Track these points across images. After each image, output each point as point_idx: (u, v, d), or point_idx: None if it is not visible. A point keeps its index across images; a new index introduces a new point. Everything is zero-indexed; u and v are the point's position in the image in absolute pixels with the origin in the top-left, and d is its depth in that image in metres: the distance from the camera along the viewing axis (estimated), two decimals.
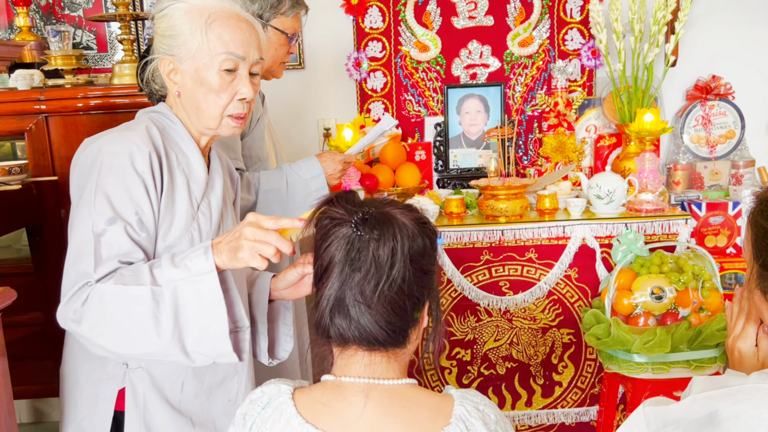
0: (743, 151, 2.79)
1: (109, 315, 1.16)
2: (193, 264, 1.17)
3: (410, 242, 1.00)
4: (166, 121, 1.35)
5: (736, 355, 1.20)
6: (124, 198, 1.22)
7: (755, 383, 0.96)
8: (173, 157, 1.31)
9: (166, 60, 1.30)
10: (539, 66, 2.82)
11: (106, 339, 1.18)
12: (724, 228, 2.53)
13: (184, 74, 1.29)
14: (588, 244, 2.28)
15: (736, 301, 1.22)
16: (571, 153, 2.64)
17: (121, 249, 1.21)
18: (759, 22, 2.79)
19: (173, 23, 1.28)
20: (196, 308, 1.16)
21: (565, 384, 2.39)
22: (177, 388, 1.34)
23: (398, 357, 1.04)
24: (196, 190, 1.33)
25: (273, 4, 1.96)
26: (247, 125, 1.97)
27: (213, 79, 1.28)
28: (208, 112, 1.31)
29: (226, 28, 1.28)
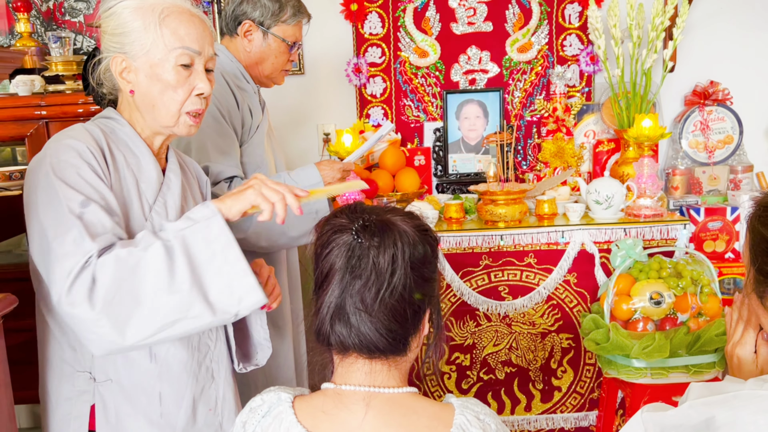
0: (741, 156, 2.80)
1: (123, 283, 1.12)
2: (194, 214, 1.17)
3: (411, 249, 1.00)
4: (114, 124, 1.32)
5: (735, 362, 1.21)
6: (84, 185, 1.20)
7: (751, 389, 0.96)
8: (120, 157, 1.29)
9: (118, 58, 1.27)
10: (538, 72, 2.83)
11: (123, 313, 1.11)
12: (722, 233, 2.54)
13: (137, 72, 1.26)
14: (587, 249, 2.29)
15: (735, 307, 1.22)
16: (570, 158, 2.64)
17: (104, 226, 1.17)
18: (756, 27, 2.80)
19: (123, 20, 1.26)
20: (208, 255, 1.14)
21: (564, 389, 2.39)
22: (155, 400, 1.29)
23: (399, 365, 1.04)
24: (147, 190, 1.31)
25: (274, 12, 1.96)
26: (246, 133, 1.97)
27: (169, 75, 1.26)
28: (165, 109, 1.28)
29: (180, 22, 1.26)
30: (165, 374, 1.31)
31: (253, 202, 1.18)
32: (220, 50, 2.00)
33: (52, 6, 2.87)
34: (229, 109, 1.90)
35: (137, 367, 1.28)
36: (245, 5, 1.96)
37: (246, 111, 1.96)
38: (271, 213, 1.18)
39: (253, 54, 2.00)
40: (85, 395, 1.29)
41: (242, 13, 1.96)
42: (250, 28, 1.97)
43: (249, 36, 1.98)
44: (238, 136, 1.94)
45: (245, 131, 1.96)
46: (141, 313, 1.12)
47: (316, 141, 2.97)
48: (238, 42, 1.99)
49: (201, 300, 1.13)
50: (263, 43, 1.99)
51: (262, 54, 2.00)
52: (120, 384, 1.28)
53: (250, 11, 1.96)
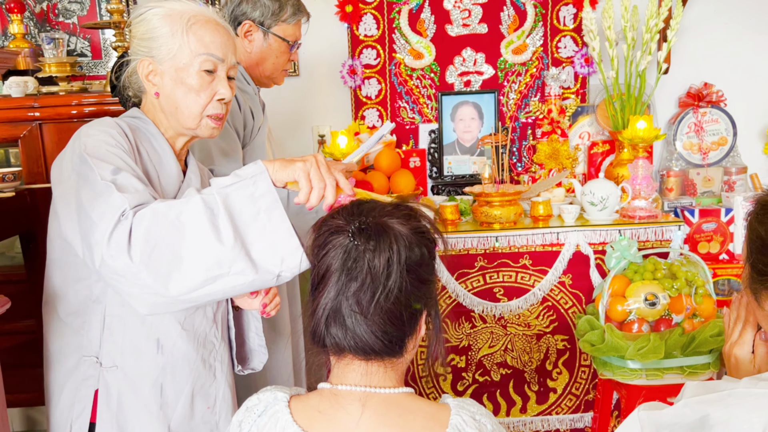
0: (735, 157, 2.81)
1: (161, 236, 1.12)
2: (242, 171, 1.17)
3: (407, 252, 0.99)
4: (139, 123, 1.37)
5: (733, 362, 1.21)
6: (115, 158, 1.23)
7: (746, 388, 0.97)
8: (144, 152, 1.33)
9: (146, 62, 1.32)
10: (533, 73, 2.83)
11: (163, 265, 1.12)
12: (717, 234, 2.55)
13: (163, 75, 1.32)
14: (582, 250, 2.29)
15: (734, 307, 1.22)
16: (565, 160, 2.65)
17: (138, 189, 1.19)
18: (750, 29, 2.82)
19: (153, 26, 1.31)
20: (253, 212, 1.14)
21: (559, 390, 2.39)
22: (156, 391, 1.33)
23: (395, 366, 1.03)
24: (167, 185, 1.35)
25: (275, 11, 1.96)
26: (249, 135, 1.97)
27: (193, 79, 1.31)
28: (188, 112, 1.33)
29: (206, 30, 1.32)
30: (169, 366, 1.33)
31: (297, 177, 1.18)
32: None
33: (46, 7, 2.86)
34: (232, 111, 1.90)
35: (144, 356, 1.31)
36: (244, 5, 1.95)
37: (248, 113, 1.96)
38: (307, 197, 1.19)
39: (254, 54, 1.99)
40: (90, 380, 1.31)
41: (242, 14, 1.96)
42: (250, 28, 1.96)
43: (249, 36, 1.97)
44: (241, 139, 1.94)
45: (247, 133, 1.96)
46: (182, 266, 1.12)
47: (311, 142, 2.97)
48: (238, 43, 1.99)
49: (244, 256, 1.13)
50: (264, 43, 1.98)
51: (263, 54, 2.00)
52: (125, 371, 1.31)
53: (249, 11, 1.95)
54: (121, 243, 1.11)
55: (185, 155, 1.45)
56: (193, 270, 1.12)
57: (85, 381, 1.32)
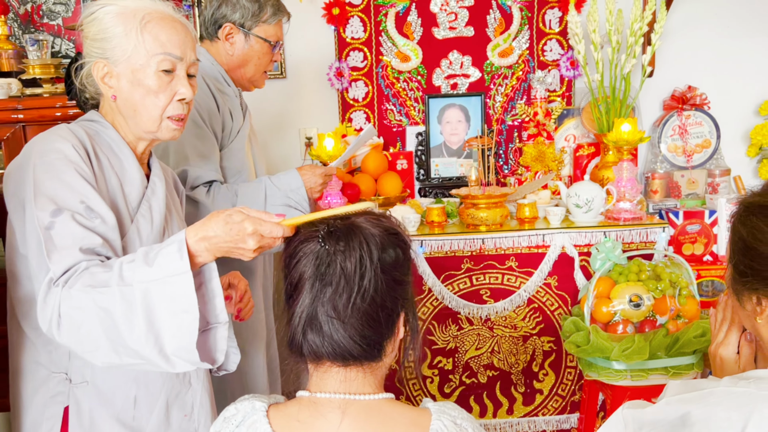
0: (719, 160, 2.83)
1: (85, 323, 1.12)
2: (165, 261, 1.11)
3: (379, 252, 0.99)
4: (98, 127, 1.32)
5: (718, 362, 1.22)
6: (63, 190, 1.19)
7: (726, 387, 0.98)
8: (104, 159, 1.28)
9: (100, 63, 1.27)
10: (519, 76, 2.85)
11: (86, 348, 1.14)
12: (701, 236, 2.57)
13: (119, 77, 1.27)
14: (567, 252, 2.30)
15: (720, 308, 1.24)
16: (551, 162, 2.66)
17: (75, 237, 1.16)
18: (733, 33, 2.85)
19: (105, 26, 1.26)
20: (171, 310, 1.12)
21: (545, 392, 2.40)
22: (129, 403, 1.30)
23: (374, 371, 1.03)
24: (131, 193, 1.31)
25: (255, 13, 1.96)
26: (227, 137, 1.96)
27: (151, 80, 1.26)
28: (147, 114, 1.28)
29: (162, 28, 1.27)
30: (141, 378, 1.31)
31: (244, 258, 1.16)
32: (201, 53, 1.99)
33: (30, 8, 2.84)
34: (210, 112, 1.89)
35: (114, 370, 1.28)
36: (224, 8, 1.94)
37: (227, 114, 1.95)
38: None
39: (236, 57, 1.99)
40: (60, 396, 1.28)
41: (222, 16, 1.95)
42: (231, 30, 1.96)
43: (231, 39, 1.97)
44: (219, 140, 1.93)
45: (226, 135, 1.95)
46: (104, 350, 1.14)
47: (298, 145, 2.96)
48: (219, 45, 1.98)
49: (158, 354, 1.12)
50: (245, 44, 1.98)
51: (245, 56, 1.99)
52: (96, 386, 1.28)
53: (230, 14, 1.95)
54: (52, 317, 1.12)
55: (148, 158, 1.40)
56: (112, 355, 1.14)
57: (54, 398, 1.28)
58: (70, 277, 1.13)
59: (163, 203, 1.36)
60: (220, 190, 1.84)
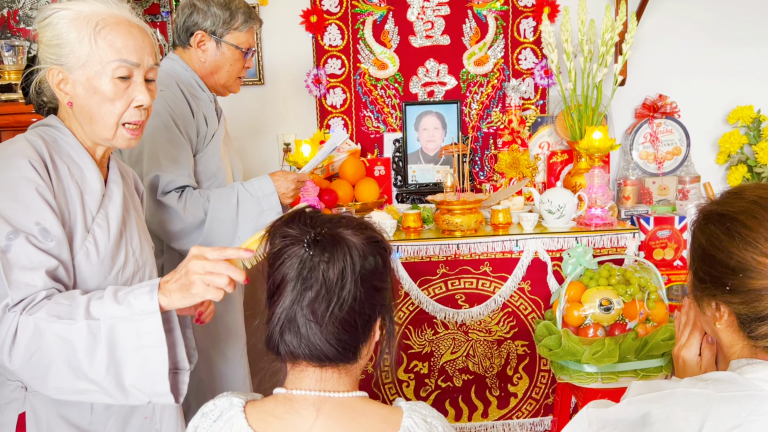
0: (689, 167, 2.90)
1: (41, 350, 1.12)
2: (136, 302, 1.13)
3: (361, 262, 1.02)
4: (56, 133, 1.30)
5: (681, 364, 1.26)
6: (18, 210, 1.17)
7: (685, 388, 1.01)
8: (63, 168, 1.26)
9: (55, 70, 1.24)
10: (494, 84, 2.89)
11: (38, 375, 1.14)
12: (671, 241, 2.63)
13: (75, 84, 1.24)
14: (540, 257, 2.34)
15: (683, 311, 1.27)
16: (525, 169, 2.71)
17: (32, 261, 1.15)
18: (703, 43, 2.92)
19: (59, 32, 1.23)
20: (135, 346, 1.13)
21: (520, 395, 2.44)
22: (86, 410, 1.29)
23: (349, 371, 1.06)
24: (90, 201, 1.29)
25: (226, 20, 1.97)
26: (202, 141, 1.97)
27: (106, 87, 1.24)
28: (102, 122, 1.26)
29: (117, 34, 1.24)
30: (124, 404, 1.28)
31: (204, 297, 1.15)
32: (175, 59, 2.00)
33: (7, 14, 2.83)
34: (184, 117, 1.90)
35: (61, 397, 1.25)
36: (196, 16, 1.96)
37: (201, 119, 1.96)
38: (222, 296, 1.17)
39: (208, 64, 2.00)
40: (15, 403, 1.26)
41: (193, 24, 1.96)
42: (203, 38, 1.97)
43: (203, 46, 1.98)
44: (193, 145, 1.94)
45: (200, 140, 1.96)
46: (56, 377, 1.14)
47: (276, 151, 2.98)
48: (192, 53, 2.00)
49: (115, 385, 1.14)
50: (217, 52, 1.99)
51: (217, 63, 2.01)
52: None
53: (201, 21, 1.96)
54: (4, 341, 1.12)
55: (107, 161, 1.38)
56: (66, 385, 1.15)
57: (8, 404, 1.27)
58: (29, 304, 1.13)
59: (120, 209, 1.35)
60: (192, 195, 1.85)
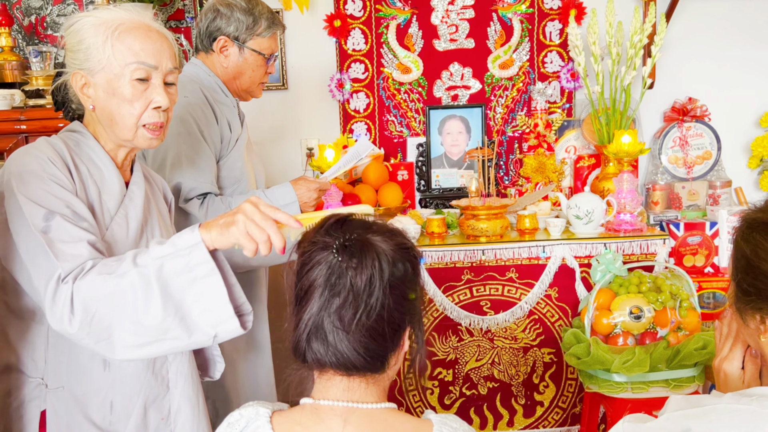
0: (720, 171, 2.83)
1: (99, 311, 1.14)
2: (179, 240, 1.15)
3: (390, 268, 0.99)
4: (78, 137, 1.35)
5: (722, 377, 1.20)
6: (47, 197, 1.22)
7: (728, 404, 0.97)
8: (83, 169, 1.31)
9: (78, 75, 1.30)
10: (519, 88, 2.86)
11: (103, 334, 1.15)
12: (702, 248, 2.56)
13: (96, 87, 1.29)
14: (567, 263, 2.30)
15: (725, 322, 1.22)
16: (551, 173, 2.67)
17: (72, 236, 1.20)
18: (733, 44, 2.85)
19: (82, 37, 1.29)
20: (188, 280, 1.14)
21: (546, 404, 2.39)
22: (106, 408, 1.31)
23: (377, 381, 1.03)
24: (108, 201, 1.33)
25: (249, 26, 1.97)
26: (225, 147, 1.96)
27: (125, 89, 1.28)
28: (122, 123, 1.30)
29: (135, 38, 1.29)
30: (118, 383, 1.32)
31: (237, 241, 1.16)
32: (197, 65, 2.00)
33: (34, 20, 2.86)
34: (208, 123, 1.90)
35: (90, 375, 1.30)
36: (219, 21, 1.96)
37: (225, 125, 1.96)
38: (254, 251, 1.16)
39: (231, 69, 2.00)
40: (36, 401, 1.29)
41: (216, 29, 1.96)
42: (225, 43, 1.97)
43: (225, 51, 1.98)
44: (217, 151, 1.93)
45: (224, 146, 1.96)
46: (120, 335, 1.15)
47: (299, 155, 2.97)
48: (214, 58, 2.00)
49: (178, 324, 1.15)
50: (239, 57, 1.99)
51: (239, 68, 2.00)
52: (72, 392, 1.29)
53: (224, 27, 1.96)
54: (63, 313, 1.14)
55: (130, 165, 1.42)
56: (132, 337, 1.16)
57: (31, 402, 1.29)
58: (79, 273, 1.16)
59: (141, 210, 1.37)
60: (214, 202, 1.84)
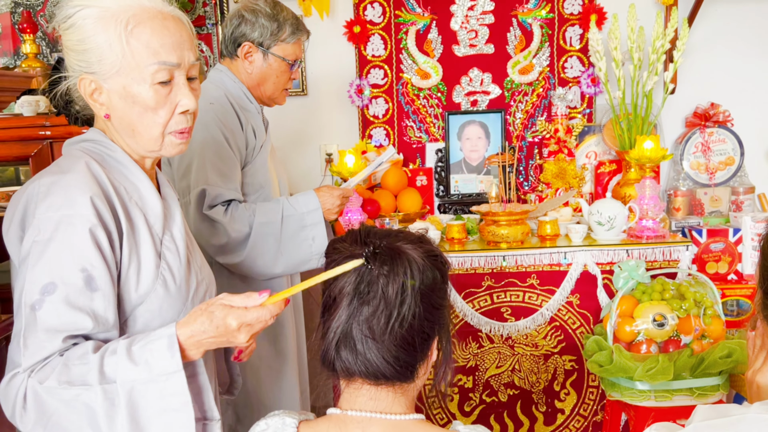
0: (743, 177, 2.80)
1: (54, 418, 1.01)
2: (155, 361, 1.01)
3: (421, 277, 0.99)
4: (103, 150, 1.16)
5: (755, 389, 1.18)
6: (65, 256, 1.04)
7: (756, 413, 0.96)
8: (123, 192, 1.13)
9: (86, 80, 1.10)
10: (539, 93, 2.85)
11: None
12: (725, 254, 2.53)
13: (110, 94, 1.10)
14: (589, 270, 2.28)
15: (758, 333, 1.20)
16: (572, 179, 2.65)
17: (61, 322, 1.03)
18: (756, 50, 2.82)
19: (84, 35, 1.08)
20: (158, 410, 1.03)
21: (567, 411, 2.37)
22: None
23: (405, 391, 1.03)
24: (155, 224, 1.16)
25: (273, 31, 1.97)
26: (250, 154, 1.97)
27: (147, 96, 1.09)
28: (147, 134, 1.13)
29: (153, 31, 1.08)
30: None
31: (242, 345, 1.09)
32: (222, 71, 2.01)
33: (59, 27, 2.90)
34: (233, 131, 1.91)
35: None
36: (244, 27, 1.96)
37: (250, 132, 1.97)
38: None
39: (255, 75, 2.00)
40: None
41: (241, 35, 1.97)
42: (250, 49, 1.98)
43: (249, 57, 1.99)
44: (242, 158, 1.94)
45: (249, 152, 1.96)
46: None
47: (318, 161, 2.98)
48: (239, 64, 2.00)
49: None
50: (264, 63, 1.99)
51: (264, 74, 2.01)
52: None
53: (249, 32, 1.96)
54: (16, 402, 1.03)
55: (154, 171, 1.25)
56: None
57: None
58: (42, 367, 1.02)
59: (182, 226, 1.22)
60: (238, 209, 1.85)
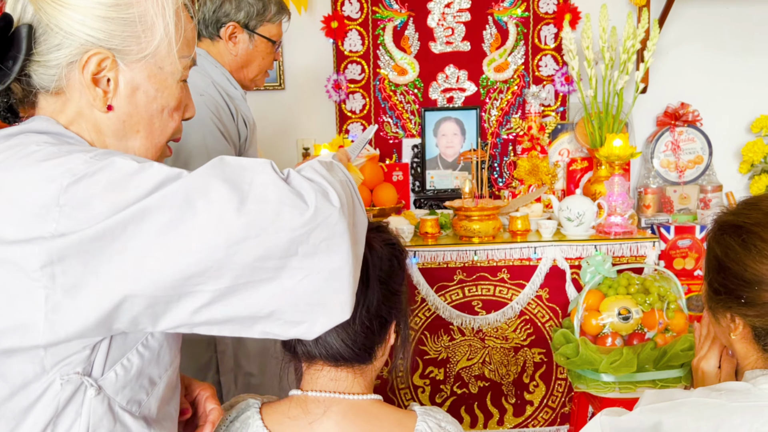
0: (711, 176, 2.87)
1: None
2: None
3: (380, 264, 1.04)
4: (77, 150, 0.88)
5: (700, 375, 1.25)
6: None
7: (698, 398, 1.01)
8: None
9: (99, 55, 0.82)
10: (514, 91, 2.89)
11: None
12: (692, 251, 2.60)
13: (126, 82, 0.85)
14: (558, 265, 2.33)
15: (703, 323, 1.27)
16: (544, 176, 2.70)
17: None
18: (726, 51, 2.89)
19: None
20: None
21: (536, 403, 2.42)
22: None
23: (364, 372, 1.07)
24: None
25: (259, 11, 1.89)
26: (244, 144, 1.93)
27: (174, 92, 0.90)
28: (154, 140, 0.90)
29: (187, 18, 0.91)
30: None
31: None
32: (202, 55, 1.87)
33: None
34: (227, 124, 1.82)
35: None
36: (227, 6, 1.86)
37: (240, 121, 1.89)
38: None
39: (240, 57, 1.90)
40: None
41: (225, 15, 1.86)
42: (234, 30, 1.87)
43: (234, 39, 1.88)
44: (237, 149, 1.87)
45: (242, 144, 1.90)
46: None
47: (295, 155, 3.00)
48: (221, 46, 1.89)
49: None
50: (249, 44, 1.90)
51: (249, 56, 1.91)
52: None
53: (233, 13, 1.86)
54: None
55: None
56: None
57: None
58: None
59: None
60: None
